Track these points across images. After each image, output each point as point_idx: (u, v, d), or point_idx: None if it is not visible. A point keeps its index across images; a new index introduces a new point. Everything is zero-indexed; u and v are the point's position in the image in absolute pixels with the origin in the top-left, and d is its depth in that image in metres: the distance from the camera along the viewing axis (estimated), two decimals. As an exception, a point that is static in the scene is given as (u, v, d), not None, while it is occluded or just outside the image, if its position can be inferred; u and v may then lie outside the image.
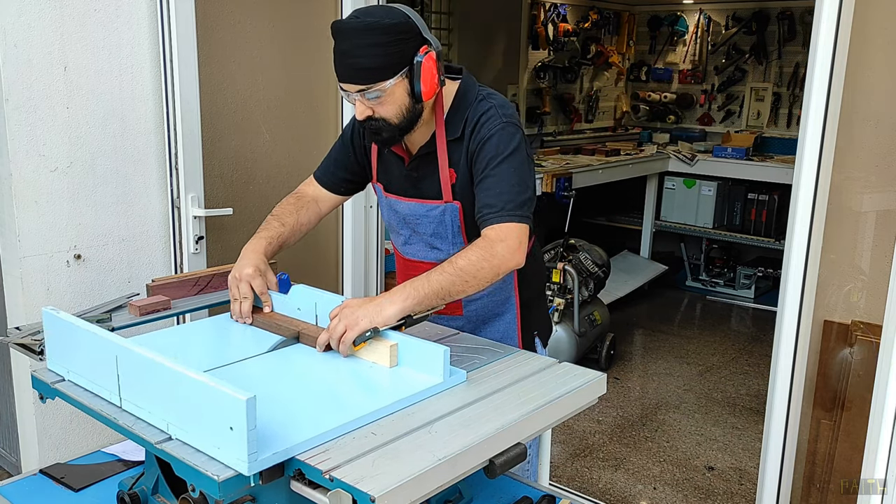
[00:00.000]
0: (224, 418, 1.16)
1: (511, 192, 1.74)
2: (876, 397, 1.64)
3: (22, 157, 2.35)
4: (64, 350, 1.52)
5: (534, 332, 2.07)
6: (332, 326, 1.61)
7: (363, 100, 1.72)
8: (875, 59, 2.34)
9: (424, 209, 1.90)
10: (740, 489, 3.37)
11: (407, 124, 1.78)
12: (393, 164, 1.96)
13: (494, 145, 1.77)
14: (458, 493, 1.56)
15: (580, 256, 4.54)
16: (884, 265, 2.36)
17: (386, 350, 1.58)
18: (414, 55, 1.70)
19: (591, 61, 6.93)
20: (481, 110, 1.81)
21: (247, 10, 2.92)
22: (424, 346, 1.55)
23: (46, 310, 1.54)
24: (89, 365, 1.44)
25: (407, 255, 2.02)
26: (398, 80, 1.70)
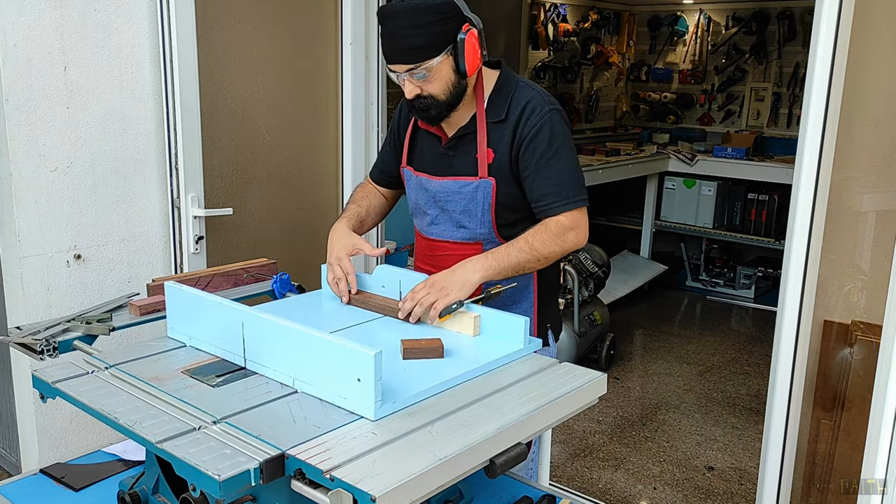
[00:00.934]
0: (353, 371, 1.35)
1: (571, 179, 1.90)
2: (876, 397, 1.64)
3: (22, 157, 2.35)
4: (186, 319, 1.68)
5: (547, 325, 2.10)
6: (421, 297, 1.77)
7: (411, 79, 1.83)
8: (875, 59, 2.34)
9: (457, 185, 1.96)
10: (740, 489, 3.37)
11: (454, 99, 1.87)
12: (428, 146, 2.04)
13: (548, 134, 1.88)
14: (458, 493, 1.56)
15: (580, 256, 4.54)
16: (884, 265, 2.36)
17: (470, 321, 1.74)
18: (457, 33, 1.80)
19: (591, 61, 6.93)
20: (526, 96, 1.92)
21: (247, 10, 2.92)
22: (505, 316, 1.72)
23: (169, 283, 1.72)
24: (213, 331, 1.62)
25: (431, 236, 2.08)
26: (444, 58, 1.80)
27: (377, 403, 1.34)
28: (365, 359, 1.33)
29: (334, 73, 3.20)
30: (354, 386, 1.35)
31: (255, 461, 1.20)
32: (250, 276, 2.14)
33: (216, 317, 1.60)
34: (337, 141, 3.27)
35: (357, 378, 1.35)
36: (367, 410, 1.35)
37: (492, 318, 1.75)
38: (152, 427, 1.31)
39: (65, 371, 1.54)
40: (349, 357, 1.36)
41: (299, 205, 3.23)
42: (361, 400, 1.36)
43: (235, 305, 1.57)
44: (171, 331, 1.73)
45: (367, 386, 1.34)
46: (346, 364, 1.36)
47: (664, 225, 6.36)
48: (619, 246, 6.39)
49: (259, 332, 1.52)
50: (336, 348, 1.38)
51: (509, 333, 1.70)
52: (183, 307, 1.69)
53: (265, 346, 1.52)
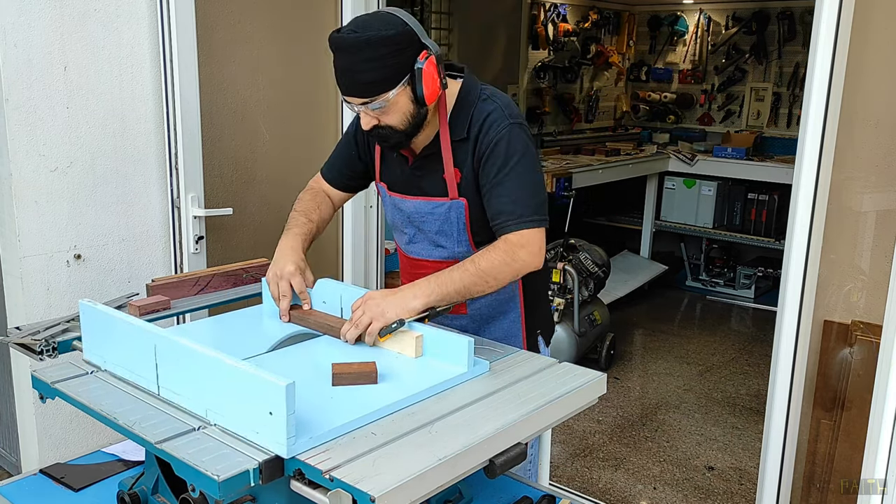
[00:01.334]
0: (264, 403, 1.22)
1: (527, 197, 1.78)
2: (876, 397, 1.64)
3: (22, 157, 2.35)
4: (101, 340, 1.56)
5: (537, 332, 2.07)
6: (357, 318, 1.66)
7: (367, 111, 1.74)
8: (875, 59, 2.34)
9: (430, 206, 1.91)
10: (740, 489, 3.37)
11: (413, 129, 1.79)
12: (396, 164, 1.96)
13: (504, 149, 1.79)
14: (458, 493, 1.56)
15: (580, 256, 4.54)
16: (884, 265, 2.36)
17: (412, 341, 1.63)
18: (414, 62, 1.70)
19: (591, 61, 6.93)
20: (486, 111, 1.82)
21: (247, 10, 2.92)
22: (449, 336, 1.61)
23: (83, 302, 1.59)
24: (126, 354, 1.49)
25: (411, 255, 2.03)
26: (401, 89, 1.71)
27: (290, 440, 1.22)
28: (276, 390, 1.20)
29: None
30: (266, 419, 1.23)
31: (255, 461, 1.20)
32: (250, 276, 2.14)
33: (129, 338, 1.48)
34: (337, 141, 3.26)
35: (269, 411, 1.22)
36: (279, 447, 1.22)
37: (435, 339, 1.63)
38: (152, 427, 1.31)
39: (64, 371, 1.54)
40: (260, 386, 1.23)
41: (299, 205, 3.23)
42: (273, 434, 1.23)
43: (148, 327, 1.45)
44: (86, 353, 1.61)
45: (279, 420, 1.20)
46: (258, 394, 1.23)
47: (664, 225, 6.36)
48: (619, 246, 6.39)
49: (171, 356, 1.39)
50: (246, 377, 1.25)
51: (453, 355, 1.58)
52: (98, 327, 1.56)
53: (178, 373, 1.39)
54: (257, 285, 2.13)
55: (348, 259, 3.32)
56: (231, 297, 2.05)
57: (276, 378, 1.20)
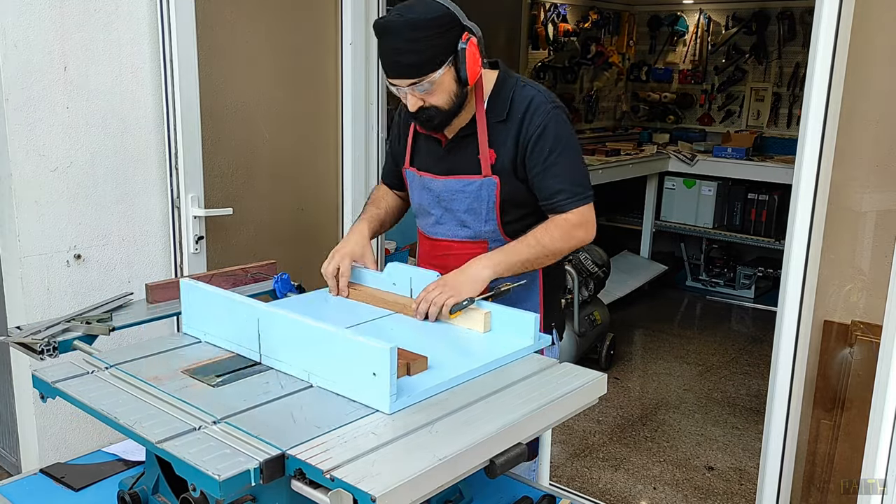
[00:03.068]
0: (368, 366, 1.37)
1: (579, 176, 1.92)
2: (876, 397, 1.64)
3: (22, 157, 2.35)
4: (201, 315, 1.71)
5: (552, 324, 2.10)
6: (434, 297, 1.77)
7: (414, 92, 1.82)
8: (875, 59, 2.34)
9: (461, 184, 1.97)
10: (740, 489, 3.37)
11: (457, 108, 1.88)
12: (428, 148, 2.04)
13: (553, 133, 1.89)
14: (458, 493, 1.56)
15: (580, 256, 4.53)
16: (884, 265, 2.36)
17: (481, 317, 1.75)
18: (457, 43, 1.79)
19: (591, 61, 6.93)
20: (528, 95, 1.92)
21: (247, 11, 2.92)
22: (515, 313, 1.73)
23: (184, 280, 1.76)
24: (229, 327, 1.64)
25: (436, 236, 2.08)
26: (445, 70, 1.79)
27: (392, 397, 1.37)
28: (380, 353, 1.35)
29: (334, 73, 3.20)
30: (370, 380, 1.37)
31: (255, 461, 1.20)
32: (250, 276, 2.14)
33: (231, 313, 1.63)
34: (337, 141, 3.27)
35: (373, 372, 1.37)
36: (383, 404, 1.37)
37: (502, 315, 1.76)
38: (152, 427, 1.31)
39: (65, 371, 1.54)
40: (364, 352, 1.38)
41: (299, 205, 3.23)
42: (377, 394, 1.37)
43: (251, 302, 1.60)
44: (186, 327, 1.75)
45: (383, 380, 1.36)
46: (362, 359, 1.39)
47: (664, 225, 6.36)
48: (619, 246, 6.39)
49: (274, 327, 1.54)
50: (351, 343, 1.41)
51: (519, 329, 1.72)
52: (198, 303, 1.71)
53: (281, 342, 1.54)
54: (259, 285, 2.15)
55: (348, 259, 3.32)
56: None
57: (380, 343, 1.35)
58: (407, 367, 1.51)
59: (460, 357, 1.62)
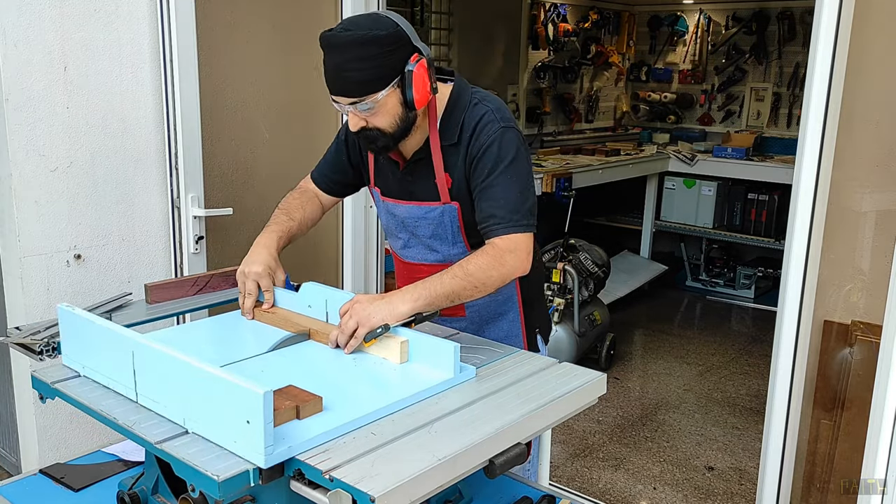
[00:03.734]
0: (241, 412, 1.19)
1: (516, 202, 1.76)
2: (876, 397, 1.64)
3: (22, 157, 2.35)
4: (79, 346, 1.54)
5: (536, 330, 2.07)
6: (344, 322, 1.63)
7: (356, 112, 1.72)
8: (875, 59, 2.34)
9: (423, 211, 1.90)
10: (740, 489, 3.37)
11: (401, 132, 1.77)
12: (388, 169, 1.95)
13: (495, 153, 1.77)
14: (458, 493, 1.56)
15: (580, 256, 4.54)
16: (884, 265, 2.36)
17: (396, 346, 1.59)
18: (405, 64, 1.69)
19: (591, 61, 6.93)
20: (478, 115, 1.81)
21: (247, 10, 2.92)
22: (434, 342, 1.57)
23: (62, 306, 1.55)
24: (105, 360, 1.46)
25: (407, 259, 2.02)
26: (390, 91, 1.69)
27: (268, 449, 1.18)
28: (253, 398, 1.17)
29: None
30: (244, 428, 1.19)
31: (255, 461, 1.20)
32: (250, 276, 2.14)
33: (107, 345, 1.45)
34: (337, 141, 3.26)
35: (246, 420, 1.19)
36: (257, 457, 1.18)
37: (420, 344, 1.60)
38: (151, 427, 1.31)
39: (64, 371, 1.54)
40: (237, 395, 1.20)
41: (299, 205, 3.23)
42: (251, 444, 1.19)
43: (126, 333, 1.42)
44: (65, 358, 1.58)
45: (256, 429, 1.17)
46: (235, 403, 1.20)
47: (664, 225, 6.36)
48: (619, 246, 6.39)
49: (149, 363, 1.36)
50: (224, 384, 1.22)
51: (439, 360, 1.55)
52: (77, 333, 1.54)
53: (156, 380, 1.36)
54: (257, 285, 2.12)
55: (348, 259, 3.32)
56: (231, 297, 2.04)
57: (253, 385, 1.17)
58: (296, 410, 1.33)
59: (369, 392, 1.48)
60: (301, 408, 1.33)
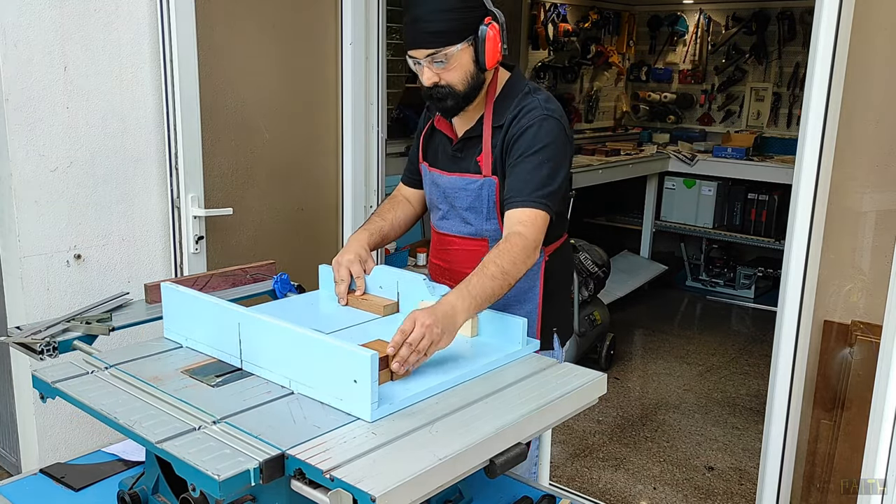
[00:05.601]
0: (349, 373, 1.35)
1: (539, 182, 1.83)
2: (876, 397, 1.64)
3: (22, 157, 2.35)
4: (182, 320, 1.68)
5: (553, 329, 2.08)
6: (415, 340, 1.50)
7: (430, 66, 1.82)
8: (875, 58, 2.34)
9: (464, 182, 1.98)
10: (740, 489, 3.37)
11: (471, 91, 1.87)
12: (440, 145, 2.07)
13: (531, 136, 1.86)
14: (458, 493, 1.56)
15: (580, 256, 4.54)
16: (884, 265, 2.36)
17: (468, 322, 1.70)
18: (479, 24, 1.81)
19: (591, 61, 6.93)
20: (526, 102, 1.91)
21: (247, 10, 2.92)
22: (503, 317, 1.71)
23: (166, 284, 1.72)
24: (210, 331, 1.61)
25: (441, 230, 2.10)
26: (464, 47, 1.80)
27: (374, 405, 1.34)
28: (361, 360, 1.33)
29: (334, 73, 3.20)
30: (351, 387, 1.35)
31: (255, 461, 1.20)
32: (250, 276, 2.14)
33: (212, 317, 1.60)
34: (337, 141, 3.27)
35: (354, 379, 1.34)
36: (364, 412, 1.35)
37: (489, 319, 1.74)
38: (152, 427, 1.31)
39: (64, 371, 1.55)
40: (346, 358, 1.35)
41: (299, 205, 3.23)
42: (358, 401, 1.35)
43: (231, 306, 1.56)
44: (167, 331, 1.73)
45: (364, 387, 1.33)
46: (343, 365, 1.36)
47: (664, 225, 6.36)
48: (619, 246, 6.39)
49: (255, 333, 1.51)
50: (332, 349, 1.38)
51: (507, 334, 1.69)
52: (179, 308, 1.69)
53: (261, 348, 1.51)
54: (258, 285, 2.15)
55: (348, 259, 3.32)
56: (231, 297, 2.05)
57: (362, 350, 1.33)
58: (391, 374, 1.48)
59: (446, 362, 1.59)
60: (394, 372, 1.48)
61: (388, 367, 1.47)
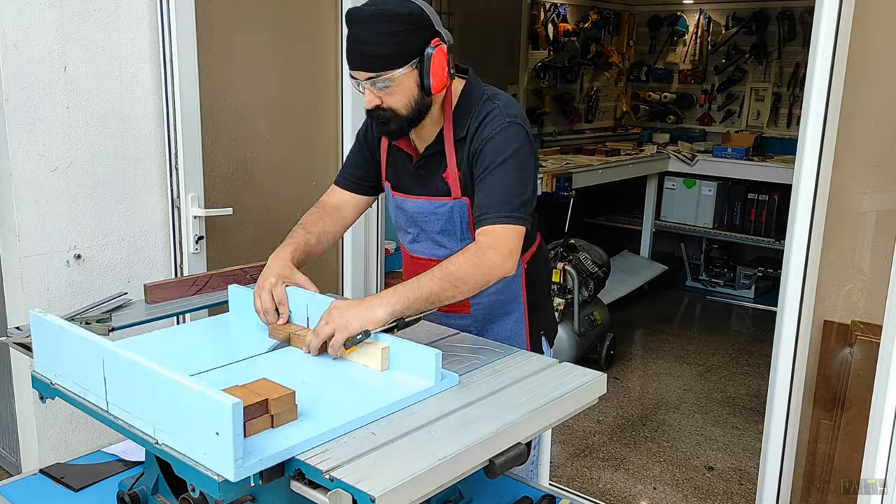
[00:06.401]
0: (210, 423, 1.15)
1: (509, 193, 1.74)
2: (876, 397, 1.64)
3: (22, 157, 2.35)
4: (52, 353, 1.50)
5: (541, 332, 2.06)
6: (320, 328, 1.59)
7: (372, 88, 1.73)
8: (875, 58, 2.34)
9: (432, 206, 1.90)
10: (740, 489, 3.37)
11: (415, 116, 1.78)
12: (401, 163, 1.96)
13: (496, 145, 1.77)
14: (458, 493, 1.56)
15: (580, 256, 4.54)
16: (884, 265, 2.36)
17: (377, 353, 1.55)
18: (425, 46, 1.70)
19: (591, 61, 6.93)
20: (486, 110, 1.81)
21: (247, 10, 2.92)
22: (416, 348, 1.53)
23: (33, 312, 1.51)
24: (77, 368, 1.42)
25: (415, 254, 2.02)
26: (408, 71, 1.70)
27: (237, 462, 1.14)
28: (222, 409, 1.13)
29: (334, 73, 3.20)
30: (213, 440, 1.15)
31: (255, 461, 1.20)
32: (249, 276, 2.14)
33: (77, 352, 1.41)
34: (337, 141, 3.27)
35: (216, 431, 1.15)
36: (227, 469, 1.15)
37: (401, 350, 1.55)
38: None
39: (64, 371, 1.53)
40: (206, 405, 1.16)
41: (299, 205, 3.22)
42: (220, 456, 1.15)
43: (96, 339, 1.38)
44: (38, 366, 1.54)
45: (226, 441, 1.13)
46: (204, 413, 1.16)
47: (664, 225, 6.36)
48: (619, 246, 6.39)
49: (119, 371, 1.33)
50: (192, 394, 1.18)
51: (421, 368, 1.51)
52: (48, 340, 1.50)
53: (127, 389, 1.32)
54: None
55: (348, 259, 3.33)
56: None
57: (223, 396, 1.14)
58: (271, 420, 1.29)
59: (348, 400, 1.43)
60: (275, 417, 1.29)
61: (267, 413, 1.28)
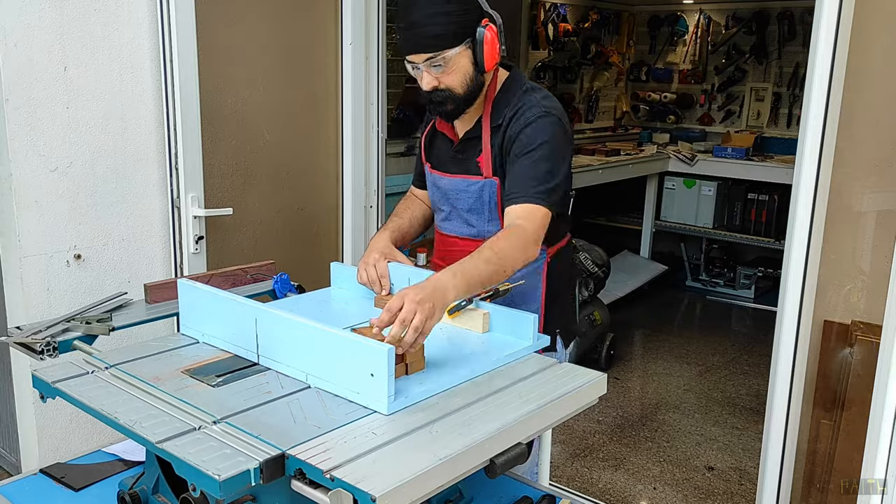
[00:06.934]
0: (366, 366, 1.37)
1: (537, 178, 1.83)
2: (876, 397, 1.64)
3: (22, 157, 2.35)
4: (199, 316, 1.71)
5: (556, 331, 2.07)
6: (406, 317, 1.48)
7: (429, 70, 1.82)
8: (875, 59, 2.34)
9: (465, 184, 1.99)
10: (740, 489, 3.37)
11: (470, 94, 1.87)
12: (442, 146, 2.08)
13: (530, 133, 1.86)
14: (458, 493, 1.56)
15: (580, 256, 4.54)
16: (884, 265, 2.36)
17: (479, 318, 1.76)
18: (477, 26, 1.81)
19: (591, 61, 6.93)
20: (524, 101, 1.91)
21: (247, 10, 2.92)
22: (513, 313, 1.74)
23: (182, 280, 1.75)
24: (226, 327, 1.64)
25: (444, 231, 2.12)
26: (462, 49, 1.80)
27: (390, 398, 1.36)
28: (378, 354, 1.35)
29: (334, 73, 3.20)
30: (367, 381, 1.37)
31: (255, 461, 1.20)
32: (250, 276, 2.14)
33: (229, 313, 1.63)
34: (337, 141, 3.27)
35: (370, 373, 1.36)
36: (381, 405, 1.37)
37: (500, 315, 1.76)
38: (152, 427, 1.31)
39: (65, 371, 1.54)
40: (362, 352, 1.38)
41: (299, 205, 3.23)
42: (374, 395, 1.37)
43: (248, 302, 1.59)
44: (184, 328, 1.75)
45: (381, 381, 1.36)
46: (360, 359, 1.38)
47: (664, 225, 6.36)
48: (619, 246, 6.39)
49: (272, 328, 1.54)
50: (349, 343, 1.41)
51: (518, 330, 1.72)
52: (196, 304, 1.72)
53: (278, 343, 1.54)
54: (258, 285, 2.15)
55: (348, 259, 3.33)
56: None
57: (378, 344, 1.36)
58: (405, 368, 1.51)
59: (458, 358, 1.62)
60: (409, 365, 1.51)
61: (403, 362, 1.49)
